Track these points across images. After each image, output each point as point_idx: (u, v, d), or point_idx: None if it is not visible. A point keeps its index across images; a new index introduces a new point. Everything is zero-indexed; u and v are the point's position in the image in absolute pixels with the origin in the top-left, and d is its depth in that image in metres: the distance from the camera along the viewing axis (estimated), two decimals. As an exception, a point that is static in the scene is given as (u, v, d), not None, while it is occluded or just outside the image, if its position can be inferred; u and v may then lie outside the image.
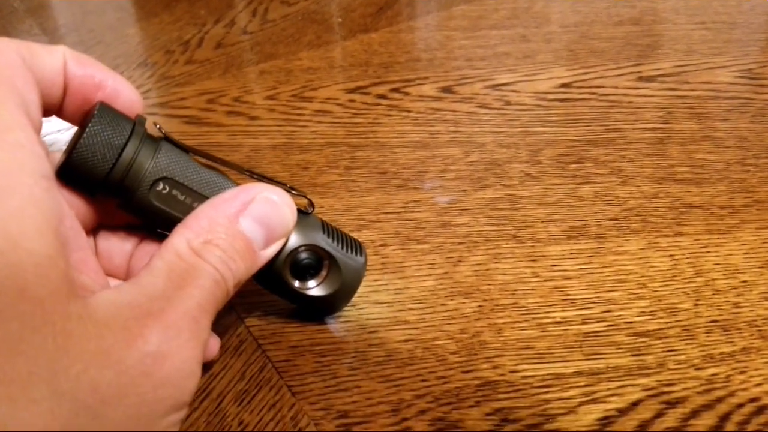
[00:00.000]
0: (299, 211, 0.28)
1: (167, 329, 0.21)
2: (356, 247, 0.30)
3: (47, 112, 0.25)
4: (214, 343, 0.29)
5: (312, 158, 0.44)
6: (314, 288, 0.29)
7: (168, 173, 0.26)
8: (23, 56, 0.22)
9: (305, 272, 0.29)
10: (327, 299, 0.30)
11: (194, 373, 0.22)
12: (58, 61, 0.24)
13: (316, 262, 0.29)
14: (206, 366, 0.30)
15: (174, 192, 0.26)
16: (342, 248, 0.29)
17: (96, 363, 0.19)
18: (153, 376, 0.20)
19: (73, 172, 0.24)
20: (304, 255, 0.29)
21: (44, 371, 0.18)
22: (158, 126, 0.27)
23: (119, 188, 0.25)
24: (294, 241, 0.28)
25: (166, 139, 0.27)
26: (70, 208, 0.25)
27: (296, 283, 0.29)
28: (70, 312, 0.19)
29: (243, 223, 0.24)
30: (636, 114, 0.49)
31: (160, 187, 0.26)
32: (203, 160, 0.27)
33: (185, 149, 0.27)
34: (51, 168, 0.21)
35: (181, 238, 0.23)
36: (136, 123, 0.26)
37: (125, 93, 0.26)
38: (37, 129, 0.22)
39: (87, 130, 0.24)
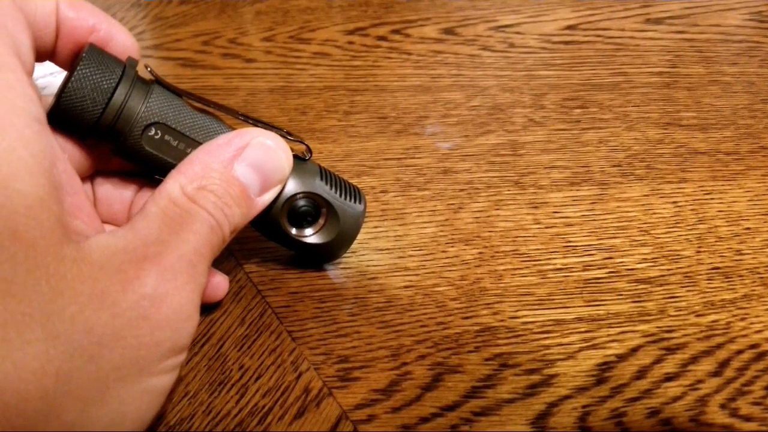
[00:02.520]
0: (297, 157, 0.28)
1: (164, 272, 0.20)
2: (355, 194, 0.30)
3: (40, 56, 0.24)
4: (223, 282, 0.29)
5: (310, 102, 0.43)
6: (312, 236, 0.29)
7: (160, 118, 0.25)
8: None
9: (303, 220, 0.29)
10: (325, 247, 0.29)
11: (192, 316, 0.21)
12: (50, 3, 0.23)
13: (313, 209, 0.29)
14: (206, 311, 0.30)
15: (167, 137, 0.25)
16: (340, 195, 0.29)
17: (91, 305, 0.19)
18: (150, 319, 0.20)
19: (62, 116, 0.24)
20: (301, 202, 0.28)
21: (38, 313, 0.18)
22: (149, 68, 0.26)
23: (110, 133, 0.25)
24: (291, 188, 0.28)
25: (158, 82, 0.26)
26: (64, 152, 0.24)
27: (293, 231, 0.29)
28: (64, 254, 0.19)
29: (238, 169, 0.24)
30: (643, 57, 0.48)
31: (152, 132, 0.25)
32: (197, 104, 0.27)
33: (178, 93, 0.26)
34: (43, 111, 0.20)
35: (174, 183, 0.23)
36: (127, 65, 0.25)
37: (119, 37, 0.25)
38: (29, 71, 0.21)
39: (75, 73, 0.23)
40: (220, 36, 0.50)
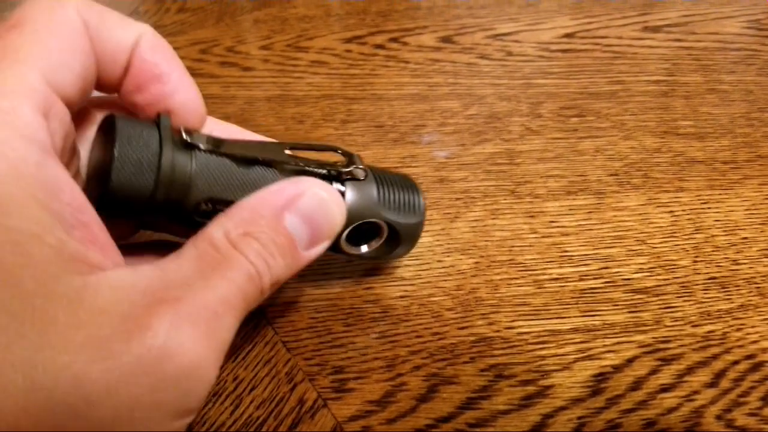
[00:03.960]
0: (353, 179, 0.26)
1: (180, 320, 0.18)
2: (413, 201, 0.28)
3: (104, 87, 0.23)
4: None
5: (307, 111, 0.43)
6: (370, 251, 0.29)
7: (210, 193, 0.23)
8: (87, 19, 0.21)
9: (361, 240, 0.28)
10: (381, 256, 0.29)
11: (205, 377, 0.19)
12: (128, 38, 0.22)
13: (373, 230, 0.28)
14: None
15: (218, 207, 0.23)
16: (401, 211, 0.27)
17: (84, 356, 0.17)
18: (153, 376, 0.17)
19: (112, 204, 0.21)
20: (361, 227, 0.27)
21: (20, 361, 0.16)
22: (186, 135, 0.23)
23: (159, 211, 0.22)
24: (351, 216, 0.26)
25: (193, 143, 0.23)
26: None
27: (350, 249, 0.28)
28: (59, 294, 0.17)
29: (288, 219, 0.22)
30: (640, 66, 0.48)
31: (203, 207, 0.23)
32: (243, 154, 0.24)
33: (221, 151, 0.23)
34: (49, 138, 0.19)
35: (218, 227, 0.21)
36: (161, 130, 0.22)
37: (182, 96, 0.23)
38: (67, 96, 0.20)
39: (115, 161, 0.21)
40: (217, 44, 0.50)
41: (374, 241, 0.28)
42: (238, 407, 0.26)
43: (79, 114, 0.23)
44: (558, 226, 0.35)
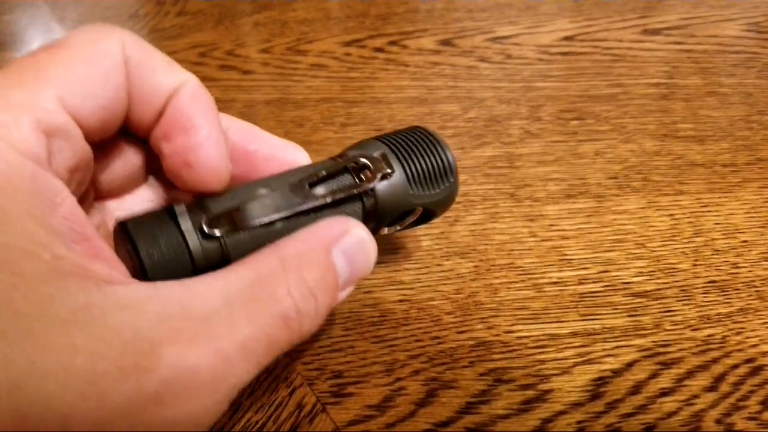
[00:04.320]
0: (384, 176, 0.25)
1: (185, 364, 0.16)
2: (442, 165, 0.26)
3: (137, 128, 0.22)
4: None
5: (307, 114, 0.43)
6: (403, 228, 0.28)
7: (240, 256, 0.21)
8: (131, 56, 0.20)
9: (395, 223, 0.27)
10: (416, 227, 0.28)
11: (201, 426, 0.17)
12: (169, 83, 0.21)
13: (407, 214, 0.27)
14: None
15: None
16: (433, 188, 0.26)
17: (74, 388, 0.15)
18: (143, 423, 0.16)
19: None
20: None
21: (8, 385, 0.15)
22: (205, 227, 0.21)
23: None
24: (386, 210, 0.25)
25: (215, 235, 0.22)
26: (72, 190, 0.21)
27: (385, 231, 0.27)
28: (54, 316, 0.16)
29: (335, 255, 0.21)
30: (640, 69, 0.48)
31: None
32: (261, 215, 0.22)
33: (242, 221, 0.22)
34: (44, 152, 0.18)
35: (268, 256, 0.20)
36: (179, 222, 0.21)
37: (207, 157, 0.22)
38: (84, 122, 0.19)
39: (147, 270, 0.20)
40: (217, 48, 0.50)
41: (408, 218, 0.27)
42: (236, 412, 0.26)
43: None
44: (557, 230, 0.35)
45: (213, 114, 0.22)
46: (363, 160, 0.25)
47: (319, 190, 0.23)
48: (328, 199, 0.23)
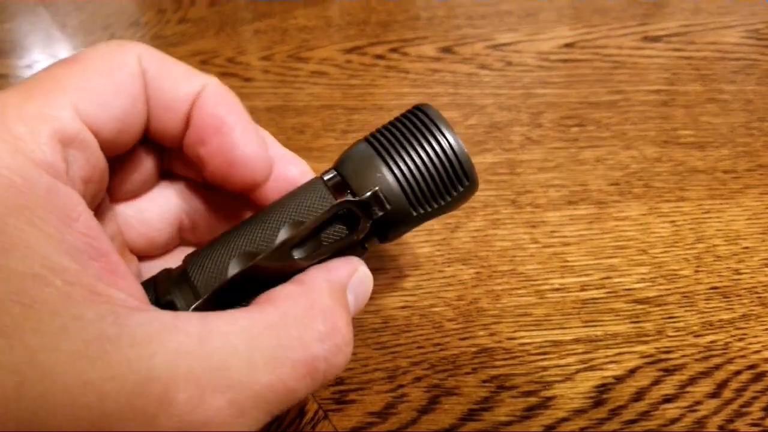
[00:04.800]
0: (379, 218, 0.21)
1: (200, 411, 0.15)
2: (456, 178, 0.22)
3: (162, 137, 0.22)
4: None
5: (308, 121, 0.43)
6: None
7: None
8: (148, 68, 0.20)
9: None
10: None
11: None
12: (189, 90, 0.21)
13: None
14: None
15: None
16: (442, 200, 0.22)
17: (83, 427, 0.15)
18: None
19: None
20: None
21: (17, 420, 0.14)
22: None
23: None
24: (390, 234, 0.23)
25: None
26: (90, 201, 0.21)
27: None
28: (65, 350, 0.15)
29: (349, 297, 0.21)
30: (640, 75, 0.48)
31: None
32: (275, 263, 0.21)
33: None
34: (61, 163, 0.18)
35: (300, 298, 0.19)
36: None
37: (248, 152, 0.22)
38: (101, 132, 0.19)
39: None
40: (218, 55, 0.51)
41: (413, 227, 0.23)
42: (238, 419, 0.26)
43: None
44: (559, 236, 0.35)
45: (241, 109, 0.22)
46: (353, 208, 0.21)
47: (307, 248, 0.21)
48: (316, 260, 0.21)
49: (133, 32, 0.54)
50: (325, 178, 0.22)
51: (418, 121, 0.22)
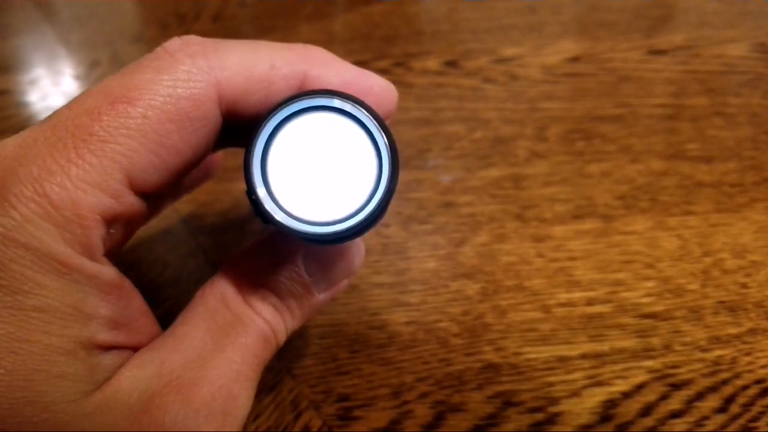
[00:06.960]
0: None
1: (193, 413, 0.17)
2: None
3: (247, 116, 0.20)
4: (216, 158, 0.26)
5: (313, 135, 0.43)
6: None
7: None
8: (231, 94, 0.18)
9: None
10: None
11: None
12: (263, 63, 0.20)
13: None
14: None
15: None
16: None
17: None
18: None
19: None
20: None
21: None
22: None
23: None
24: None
25: None
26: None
27: None
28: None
29: (304, 263, 0.20)
30: (646, 89, 0.48)
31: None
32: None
33: None
34: (101, 239, 0.17)
35: (229, 280, 0.19)
36: None
37: (372, 84, 0.21)
38: (159, 188, 0.18)
39: None
40: (224, 70, 0.51)
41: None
42: (242, 435, 0.26)
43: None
44: (565, 251, 0.34)
45: (339, 62, 0.21)
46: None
47: None
48: None
49: (137, 47, 0.54)
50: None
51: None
